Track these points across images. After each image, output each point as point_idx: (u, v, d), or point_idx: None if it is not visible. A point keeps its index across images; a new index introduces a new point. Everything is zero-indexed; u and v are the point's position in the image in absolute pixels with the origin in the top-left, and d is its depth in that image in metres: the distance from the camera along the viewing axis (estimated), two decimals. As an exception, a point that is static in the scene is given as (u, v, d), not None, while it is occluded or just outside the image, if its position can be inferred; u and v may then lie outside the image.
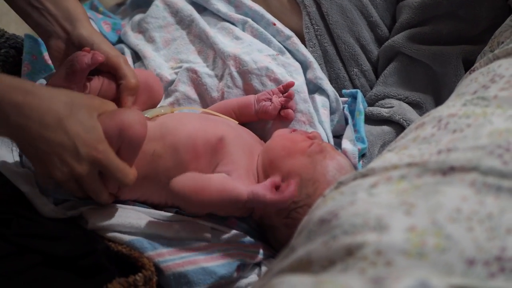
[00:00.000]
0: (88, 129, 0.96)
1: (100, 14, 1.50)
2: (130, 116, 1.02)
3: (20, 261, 0.92)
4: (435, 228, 0.61)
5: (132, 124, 1.01)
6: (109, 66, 1.11)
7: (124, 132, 1.00)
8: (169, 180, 1.05)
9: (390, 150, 0.84)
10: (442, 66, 1.30)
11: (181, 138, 1.08)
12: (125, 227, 1.03)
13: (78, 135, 0.95)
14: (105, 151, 0.98)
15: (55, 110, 0.93)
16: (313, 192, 1.04)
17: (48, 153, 0.94)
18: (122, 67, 1.11)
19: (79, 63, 1.05)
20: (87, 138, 0.96)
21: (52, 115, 0.93)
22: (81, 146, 0.95)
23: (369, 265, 0.60)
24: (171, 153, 1.08)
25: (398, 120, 1.27)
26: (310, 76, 1.28)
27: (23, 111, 0.91)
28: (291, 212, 1.05)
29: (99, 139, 0.97)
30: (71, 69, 1.06)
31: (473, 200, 0.63)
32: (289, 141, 1.11)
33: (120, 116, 1.02)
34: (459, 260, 0.58)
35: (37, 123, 0.92)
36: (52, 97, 0.95)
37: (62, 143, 0.94)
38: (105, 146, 0.98)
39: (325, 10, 1.35)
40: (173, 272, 0.98)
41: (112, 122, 1.00)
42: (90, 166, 0.97)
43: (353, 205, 0.68)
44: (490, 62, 0.92)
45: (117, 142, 1.00)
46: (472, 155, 0.69)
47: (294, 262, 0.68)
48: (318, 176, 1.05)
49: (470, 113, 0.78)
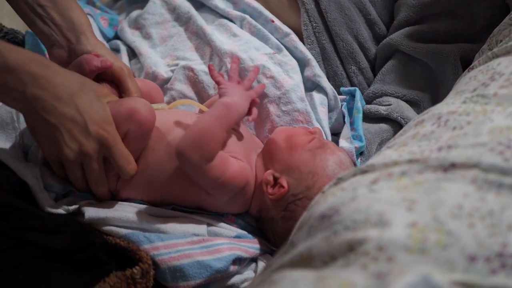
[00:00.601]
0: (98, 108, 1.01)
1: (97, 9, 1.50)
2: (139, 103, 1.06)
3: (18, 254, 0.92)
4: (437, 224, 0.61)
5: (141, 110, 1.04)
6: (114, 77, 1.15)
7: (133, 117, 1.03)
8: (163, 174, 1.07)
9: (389, 147, 0.84)
10: (439, 64, 1.30)
11: (174, 134, 1.09)
12: (121, 220, 1.04)
13: (87, 112, 0.99)
14: (113, 133, 1.02)
15: (68, 85, 0.98)
16: (312, 184, 1.05)
17: (58, 128, 0.98)
18: (126, 81, 1.15)
19: (88, 65, 1.09)
20: (96, 116, 1.00)
21: (66, 89, 0.97)
22: (90, 123, 0.99)
23: (371, 261, 0.60)
24: (164, 147, 1.08)
25: (396, 118, 1.27)
26: (309, 73, 1.28)
27: (39, 82, 0.95)
28: (290, 205, 1.06)
29: (108, 120, 1.01)
30: (79, 70, 1.08)
31: (475, 197, 0.63)
32: (291, 135, 1.12)
33: (130, 102, 1.05)
34: (461, 256, 0.58)
35: (51, 95, 0.96)
36: (66, 74, 0.99)
37: (73, 117, 0.98)
38: (113, 128, 1.02)
39: (324, 8, 1.35)
40: (169, 266, 0.99)
41: (121, 107, 1.04)
42: (97, 145, 1.00)
43: (354, 201, 0.68)
44: (489, 60, 0.93)
45: (125, 127, 1.03)
46: (473, 152, 0.69)
47: (294, 258, 0.68)
48: (317, 170, 1.06)
49: (470, 110, 0.78)
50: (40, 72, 0.95)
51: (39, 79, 0.95)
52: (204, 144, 1.01)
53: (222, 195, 1.07)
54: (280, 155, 1.09)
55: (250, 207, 1.12)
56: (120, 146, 1.03)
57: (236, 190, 1.07)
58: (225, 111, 1.06)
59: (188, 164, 1.02)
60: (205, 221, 1.08)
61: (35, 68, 0.95)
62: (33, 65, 0.95)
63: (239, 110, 1.08)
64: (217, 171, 1.03)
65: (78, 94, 0.98)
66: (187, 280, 0.99)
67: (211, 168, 1.02)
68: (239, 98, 1.09)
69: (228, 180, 1.04)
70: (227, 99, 1.08)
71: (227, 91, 1.10)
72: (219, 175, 1.03)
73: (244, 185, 1.07)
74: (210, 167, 1.02)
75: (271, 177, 1.08)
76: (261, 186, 1.08)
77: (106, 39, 1.45)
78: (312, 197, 1.00)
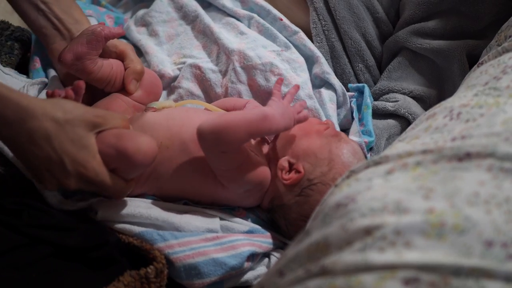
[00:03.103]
0: (79, 147, 0.96)
1: (102, 8, 1.49)
2: (136, 144, 0.99)
3: (31, 252, 0.92)
4: (454, 210, 0.62)
5: (136, 153, 0.98)
6: (118, 54, 1.17)
7: (125, 160, 0.99)
8: (178, 171, 1.07)
9: (400, 140, 0.85)
10: (446, 60, 1.31)
11: (188, 129, 1.09)
12: (134, 217, 1.03)
13: (66, 153, 0.95)
14: (95, 169, 0.97)
15: (44, 128, 0.93)
16: (328, 170, 1.06)
17: (37, 166, 0.95)
18: (130, 54, 1.18)
19: (103, 29, 1.10)
20: (76, 155, 0.96)
21: (42, 132, 0.93)
22: (68, 163, 0.95)
23: (388, 245, 0.61)
24: (178, 144, 1.08)
25: (403, 114, 1.29)
26: (317, 70, 1.29)
27: (13, 127, 0.92)
28: (304, 190, 1.07)
29: (89, 157, 0.97)
30: (94, 35, 1.10)
31: (491, 185, 0.64)
32: (306, 123, 1.13)
33: (126, 142, 0.99)
34: (477, 242, 0.59)
35: (26, 139, 0.93)
36: (44, 114, 0.94)
37: (49, 159, 0.94)
38: (95, 164, 0.97)
39: (332, 6, 1.36)
40: (184, 264, 0.99)
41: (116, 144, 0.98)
42: (78, 181, 0.97)
43: (370, 189, 0.69)
44: (499, 55, 0.94)
45: (114, 165, 0.99)
46: (488, 142, 0.70)
47: (311, 246, 0.68)
48: (333, 156, 1.08)
49: (482, 103, 0.79)
50: (14, 117, 0.92)
51: (13, 124, 0.92)
52: (224, 138, 1.00)
53: (236, 187, 1.08)
54: (296, 142, 1.10)
55: (263, 201, 1.12)
56: (104, 179, 0.98)
57: (251, 185, 1.07)
58: (260, 120, 1.02)
59: (203, 145, 1.03)
60: (217, 215, 1.09)
61: (10, 112, 0.92)
62: (8, 109, 0.92)
63: (273, 126, 1.04)
64: (231, 161, 1.03)
65: (55, 135, 0.94)
66: (202, 278, 0.99)
67: (226, 156, 1.03)
68: (281, 117, 1.04)
69: (242, 172, 1.05)
70: (268, 111, 1.04)
71: (274, 104, 1.07)
72: (233, 165, 1.04)
73: (260, 181, 1.08)
74: (224, 155, 1.02)
75: (286, 163, 1.09)
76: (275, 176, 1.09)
77: (112, 38, 1.45)
78: (327, 182, 1.03)
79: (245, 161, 1.05)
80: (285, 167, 1.09)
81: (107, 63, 1.15)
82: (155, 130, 1.09)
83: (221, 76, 1.28)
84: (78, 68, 1.13)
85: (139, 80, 1.19)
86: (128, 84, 1.17)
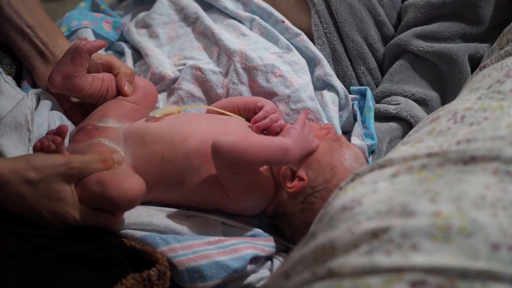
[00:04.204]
0: (55, 200, 0.96)
1: (101, 13, 1.48)
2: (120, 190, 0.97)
3: (35, 256, 0.93)
4: (460, 213, 0.62)
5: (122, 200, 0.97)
6: (104, 65, 1.19)
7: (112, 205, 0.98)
8: (180, 183, 1.07)
9: (404, 143, 0.85)
10: (447, 63, 1.32)
11: (191, 141, 1.08)
12: (136, 225, 1.03)
13: (44, 208, 0.96)
14: (75, 217, 0.98)
15: (19, 191, 0.94)
16: (331, 177, 1.06)
17: (21, 214, 0.96)
18: (116, 61, 1.20)
19: (85, 45, 1.10)
20: (54, 209, 0.96)
21: (16, 194, 0.94)
22: (48, 215, 0.96)
23: (395, 248, 0.61)
24: (181, 157, 1.08)
25: (405, 117, 1.29)
26: (319, 72, 1.30)
27: None
28: (308, 197, 1.07)
29: (67, 208, 0.97)
30: (77, 52, 1.10)
31: (497, 188, 0.65)
32: None
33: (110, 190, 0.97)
34: (484, 245, 0.59)
35: (5, 201, 0.95)
36: (17, 178, 0.94)
37: (29, 214, 0.96)
38: (75, 212, 0.98)
39: (334, 8, 1.36)
40: (187, 267, 0.99)
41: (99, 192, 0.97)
42: (62, 225, 0.98)
43: (376, 192, 0.69)
44: (502, 58, 0.94)
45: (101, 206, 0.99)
46: (493, 145, 0.70)
47: (317, 249, 0.68)
48: (335, 162, 1.07)
49: (486, 106, 0.79)
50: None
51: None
52: (240, 161, 1.00)
53: (243, 201, 1.08)
54: None
55: (267, 208, 1.12)
56: (89, 221, 0.99)
57: (258, 200, 1.08)
58: (281, 153, 1.01)
59: (217, 161, 1.02)
60: (219, 220, 1.09)
61: None
62: None
63: (290, 159, 1.03)
64: (241, 180, 1.04)
65: (30, 196, 0.94)
66: (205, 281, 0.99)
67: (236, 175, 1.03)
68: (299, 150, 1.04)
69: (250, 189, 1.05)
70: (290, 145, 1.02)
71: (295, 135, 1.04)
72: (242, 184, 1.04)
73: (267, 196, 1.09)
74: (235, 174, 1.03)
75: (288, 170, 1.09)
76: (279, 184, 1.09)
77: (110, 43, 1.44)
78: (331, 189, 1.03)
79: (255, 179, 1.06)
80: (288, 175, 1.08)
81: (97, 77, 1.16)
82: (157, 144, 1.09)
83: (222, 77, 1.28)
84: (68, 88, 1.14)
85: (132, 82, 1.20)
86: (122, 87, 1.17)
